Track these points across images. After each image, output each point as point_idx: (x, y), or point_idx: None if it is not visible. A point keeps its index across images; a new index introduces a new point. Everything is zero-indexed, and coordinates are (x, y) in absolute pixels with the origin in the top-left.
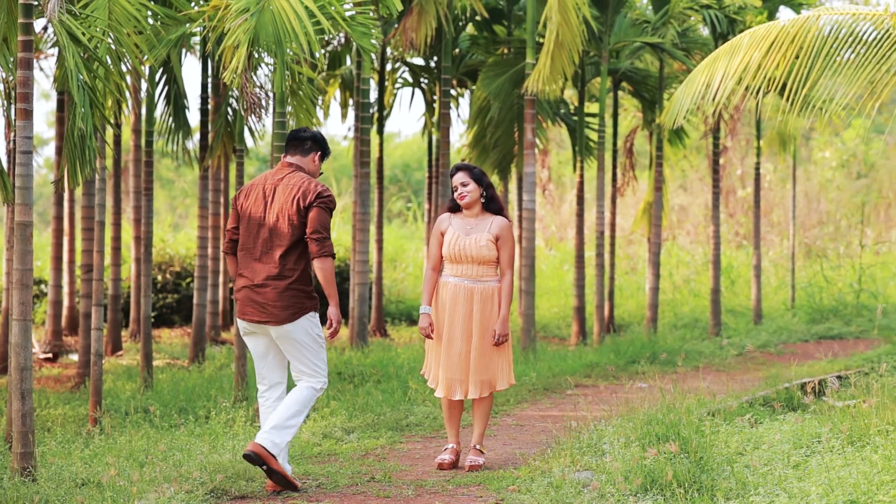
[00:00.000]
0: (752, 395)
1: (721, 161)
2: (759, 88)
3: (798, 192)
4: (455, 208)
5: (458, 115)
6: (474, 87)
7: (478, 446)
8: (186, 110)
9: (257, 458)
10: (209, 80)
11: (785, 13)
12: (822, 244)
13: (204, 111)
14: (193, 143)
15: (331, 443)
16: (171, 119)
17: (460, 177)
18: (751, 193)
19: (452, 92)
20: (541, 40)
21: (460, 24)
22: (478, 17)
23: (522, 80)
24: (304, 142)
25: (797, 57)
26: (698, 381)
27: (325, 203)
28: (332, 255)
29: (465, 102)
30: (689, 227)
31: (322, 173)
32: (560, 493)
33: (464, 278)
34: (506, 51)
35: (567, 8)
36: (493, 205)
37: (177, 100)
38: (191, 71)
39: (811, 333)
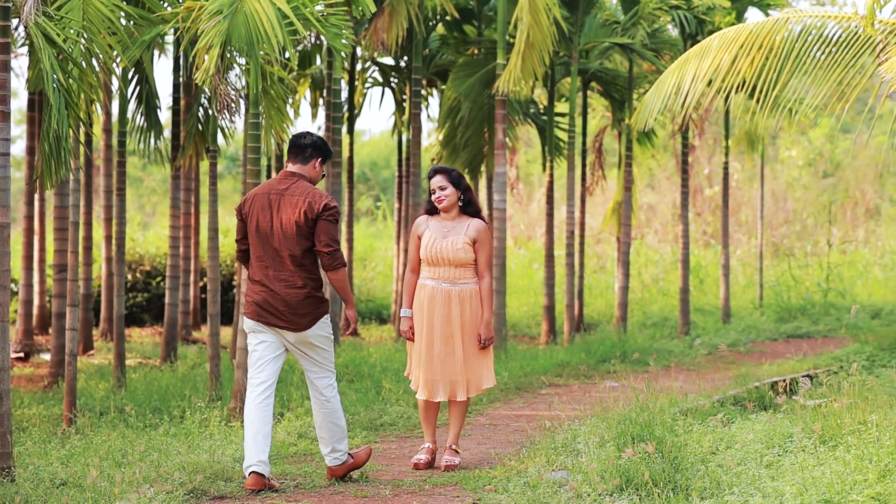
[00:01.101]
0: (723, 395)
1: (689, 160)
2: (730, 90)
3: (765, 191)
4: (432, 211)
5: (428, 115)
6: (444, 87)
7: (453, 446)
8: (158, 110)
9: (340, 478)
10: (181, 80)
11: (753, 14)
12: (790, 243)
13: (175, 111)
14: (164, 142)
15: (306, 443)
16: (142, 118)
17: (438, 180)
18: (718, 192)
19: (422, 92)
20: (511, 40)
21: (430, 24)
22: (448, 18)
23: (493, 81)
24: (304, 150)
25: (766, 59)
26: (670, 381)
27: (332, 215)
28: (344, 265)
29: (434, 102)
30: (657, 226)
31: (325, 175)
32: (537, 493)
33: (441, 281)
34: (476, 51)
35: (538, 9)
36: (470, 208)
37: (149, 100)
38: (161, 70)
39: (780, 332)
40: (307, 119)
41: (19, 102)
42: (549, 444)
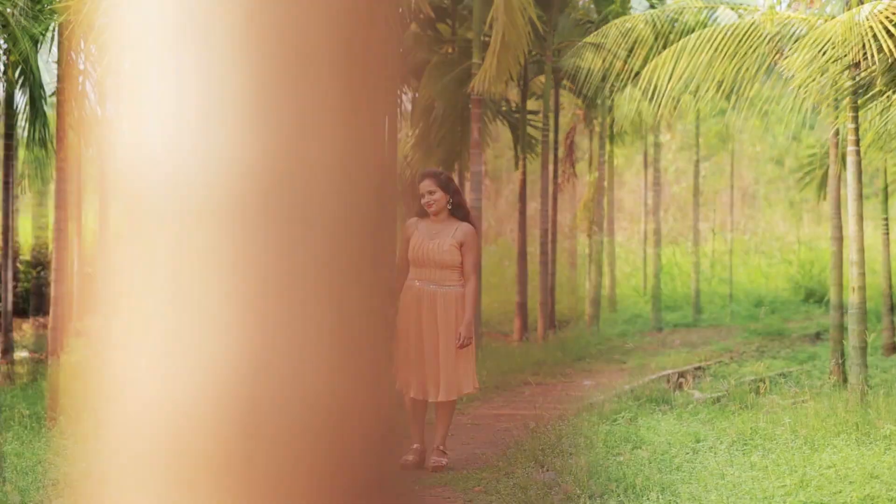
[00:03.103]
0: (620, 389)
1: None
2: (706, 91)
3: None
4: (423, 213)
5: (400, 113)
6: (418, 86)
7: (441, 447)
8: (44, 101)
9: None
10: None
11: (724, 13)
12: (669, 227)
13: (60, 101)
14: (48, 133)
15: None
16: (27, 108)
17: (427, 184)
18: (598, 178)
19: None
20: (486, 40)
21: (405, 21)
22: (422, 16)
23: (467, 79)
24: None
25: (742, 63)
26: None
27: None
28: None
29: (406, 99)
30: (624, 223)
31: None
32: (528, 495)
33: (427, 282)
34: (450, 50)
35: (513, 9)
36: (459, 211)
37: (33, 89)
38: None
39: (665, 321)
40: None
41: None
42: (535, 444)
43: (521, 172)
